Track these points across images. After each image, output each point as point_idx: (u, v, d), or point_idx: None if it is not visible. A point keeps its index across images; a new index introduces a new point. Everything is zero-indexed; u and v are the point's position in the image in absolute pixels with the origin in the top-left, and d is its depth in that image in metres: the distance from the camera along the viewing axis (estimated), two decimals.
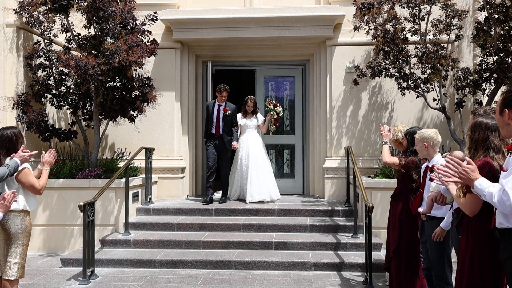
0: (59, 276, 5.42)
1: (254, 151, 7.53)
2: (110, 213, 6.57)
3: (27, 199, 3.71)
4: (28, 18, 6.88)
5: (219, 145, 7.38)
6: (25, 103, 6.81)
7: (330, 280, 5.19)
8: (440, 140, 3.89)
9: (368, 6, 6.63)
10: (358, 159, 7.25)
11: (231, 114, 7.40)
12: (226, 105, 7.44)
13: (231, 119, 7.42)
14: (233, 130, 7.47)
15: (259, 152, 7.55)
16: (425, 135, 3.85)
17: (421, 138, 3.86)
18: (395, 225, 4.43)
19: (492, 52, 6.52)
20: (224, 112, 7.36)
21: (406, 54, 6.69)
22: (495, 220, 2.58)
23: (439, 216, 3.64)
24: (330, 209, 6.83)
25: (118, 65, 6.40)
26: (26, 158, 3.60)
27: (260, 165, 7.47)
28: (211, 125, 7.39)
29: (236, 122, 7.52)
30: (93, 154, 7.07)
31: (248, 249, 5.97)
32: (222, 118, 7.38)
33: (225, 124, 7.37)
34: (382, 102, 7.77)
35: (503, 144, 2.83)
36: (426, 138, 3.83)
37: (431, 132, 3.87)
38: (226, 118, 7.38)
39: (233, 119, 7.47)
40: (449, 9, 6.63)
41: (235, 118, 7.50)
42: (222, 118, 7.38)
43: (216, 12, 7.81)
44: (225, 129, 7.36)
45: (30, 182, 3.65)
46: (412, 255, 4.34)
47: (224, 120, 7.38)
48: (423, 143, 3.84)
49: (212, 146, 7.39)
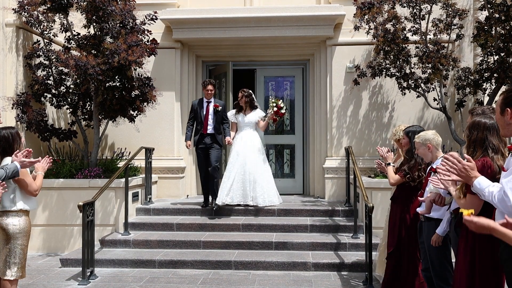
0: (58, 276, 5.40)
1: (252, 154, 6.91)
2: (109, 213, 6.56)
3: (25, 199, 3.70)
4: (28, 18, 6.88)
5: (210, 145, 6.81)
6: (25, 103, 6.80)
7: (330, 280, 5.17)
8: (440, 140, 3.85)
9: (369, 5, 6.61)
10: (358, 159, 7.23)
11: (221, 110, 6.91)
12: (215, 101, 7.00)
13: (221, 116, 6.91)
14: (224, 127, 6.96)
15: (258, 156, 6.96)
16: (426, 136, 3.78)
17: (423, 140, 3.78)
18: (394, 228, 4.40)
19: (493, 52, 6.50)
20: (214, 108, 6.86)
21: (407, 54, 6.68)
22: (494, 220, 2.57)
23: (436, 217, 3.61)
24: (330, 209, 6.82)
25: (118, 64, 6.39)
26: (26, 164, 3.59)
27: (260, 172, 6.88)
28: (200, 124, 6.85)
29: (226, 119, 7.02)
30: (92, 154, 7.05)
31: (248, 249, 5.95)
32: (212, 115, 6.86)
33: (215, 121, 6.86)
34: (383, 102, 7.75)
35: (502, 144, 2.81)
36: (428, 139, 3.76)
37: (431, 133, 3.82)
38: (217, 114, 6.87)
39: (224, 115, 6.97)
40: (449, 8, 6.61)
41: (225, 115, 7.01)
42: (212, 114, 6.86)
43: (216, 12, 7.79)
44: (216, 126, 6.86)
45: (27, 182, 3.64)
46: (412, 257, 4.30)
47: (214, 116, 6.86)
48: (426, 145, 3.76)
49: (202, 149, 6.81)
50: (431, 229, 3.61)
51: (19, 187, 3.66)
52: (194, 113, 6.96)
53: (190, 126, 6.98)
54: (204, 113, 6.85)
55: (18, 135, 3.76)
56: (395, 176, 4.31)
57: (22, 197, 3.69)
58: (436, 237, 3.53)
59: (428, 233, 3.67)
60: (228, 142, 6.90)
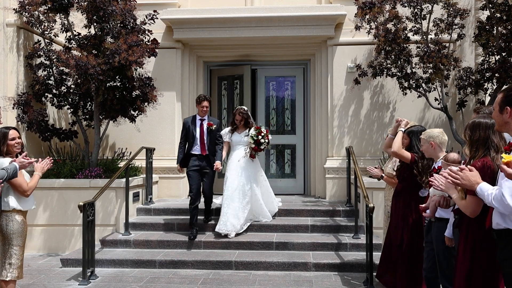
0: (59, 276, 5.40)
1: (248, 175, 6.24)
2: (110, 213, 6.56)
3: (18, 198, 3.68)
4: (29, 18, 6.87)
5: (204, 168, 6.12)
6: (26, 103, 6.80)
7: (331, 280, 5.16)
8: (446, 139, 3.88)
9: (370, 5, 6.60)
10: (359, 159, 7.22)
11: (216, 129, 6.25)
12: (209, 119, 6.31)
13: (215, 136, 6.24)
14: (217, 149, 6.24)
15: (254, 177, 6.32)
16: (431, 134, 3.85)
17: (427, 137, 3.85)
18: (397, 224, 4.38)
19: (494, 52, 6.48)
20: (208, 127, 6.17)
21: (408, 54, 6.66)
22: (492, 221, 2.57)
23: (447, 217, 3.59)
24: (331, 209, 6.80)
25: (118, 64, 6.39)
26: (25, 164, 3.59)
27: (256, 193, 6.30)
28: (192, 145, 6.16)
29: (221, 139, 6.33)
30: (93, 154, 7.05)
31: (248, 249, 5.94)
32: (206, 135, 6.18)
33: (210, 141, 6.20)
34: (384, 101, 7.74)
35: (502, 142, 2.81)
36: (432, 136, 3.82)
37: (437, 131, 3.88)
38: (211, 134, 6.20)
39: (217, 135, 6.28)
40: (451, 8, 6.59)
41: (219, 135, 6.32)
42: (206, 134, 6.18)
43: (217, 12, 7.79)
44: (210, 147, 6.18)
45: (18, 182, 3.63)
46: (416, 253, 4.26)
47: (208, 136, 6.19)
48: (429, 142, 3.82)
49: (195, 171, 6.12)
50: (441, 230, 3.58)
51: (11, 187, 3.64)
52: (186, 132, 6.25)
53: (182, 147, 6.28)
54: (198, 132, 6.19)
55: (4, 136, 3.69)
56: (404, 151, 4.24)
57: (15, 197, 3.67)
58: (447, 240, 3.50)
59: (437, 233, 3.64)
60: (217, 168, 6.12)
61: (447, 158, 3.61)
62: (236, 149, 6.41)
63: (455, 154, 3.67)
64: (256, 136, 6.25)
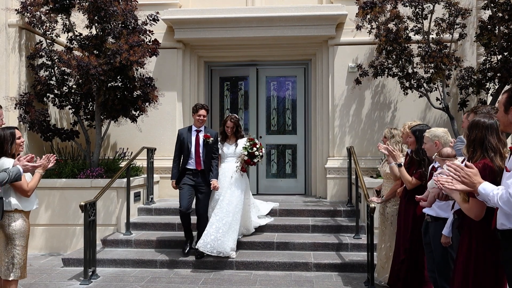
0: (60, 276, 5.42)
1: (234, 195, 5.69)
2: (111, 213, 6.57)
3: (19, 199, 3.69)
4: (30, 18, 6.90)
5: (200, 185, 5.59)
6: (27, 103, 6.82)
7: (332, 280, 5.16)
8: (450, 140, 3.84)
9: (371, 5, 6.59)
10: (360, 159, 7.22)
11: (213, 142, 5.69)
12: (206, 130, 5.75)
13: (211, 149, 5.68)
14: (212, 164, 5.66)
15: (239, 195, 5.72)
16: (436, 133, 3.81)
17: (432, 136, 3.81)
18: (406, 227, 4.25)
19: (496, 51, 6.47)
20: (205, 139, 5.62)
21: (409, 53, 6.65)
22: (496, 221, 2.55)
23: (444, 217, 3.59)
24: (332, 210, 6.80)
25: (120, 65, 6.40)
26: (29, 168, 3.58)
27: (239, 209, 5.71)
28: (187, 158, 5.63)
29: (217, 152, 5.79)
30: (95, 154, 7.07)
31: (249, 249, 5.94)
32: (202, 148, 5.63)
33: (206, 155, 5.64)
34: (385, 101, 7.73)
35: (501, 143, 2.79)
36: (437, 136, 3.79)
37: (441, 131, 3.85)
38: (207, 147, 5.64)
39: (214, 148, 5.72)
40: (452, 7, 6.58)
41: (216, 147, 5.75)
42: (202, 147, 5.63)
43: (218, 12, 7.79)
44: (206, 161, 5.62)
45: (19, 183, 3.61)
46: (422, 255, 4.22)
47: (205, 149, 5.63)
48: (434, 141, 3.78)
49: (189, 186, 5.57)
50: (439, 229, 3.57)
51: (12, 187, 3.64)
52: (180, 144, 5.72)
53: (177, 161, 5.74)
54: (194, 144, 5.63)
55: (13, 136, 3.71)
56: (412, 180, 4.17)
57: (16, 197, 3.67)
58: (444, 238, 3.50)
59: (435, 233, 3.64)
60: (214, 187, 5.62)
61: (441, 153, 3.59)
62: (226, 161, 5.86)
63: (449, 149, 3.65)
64: (250, 148, 5.72)
